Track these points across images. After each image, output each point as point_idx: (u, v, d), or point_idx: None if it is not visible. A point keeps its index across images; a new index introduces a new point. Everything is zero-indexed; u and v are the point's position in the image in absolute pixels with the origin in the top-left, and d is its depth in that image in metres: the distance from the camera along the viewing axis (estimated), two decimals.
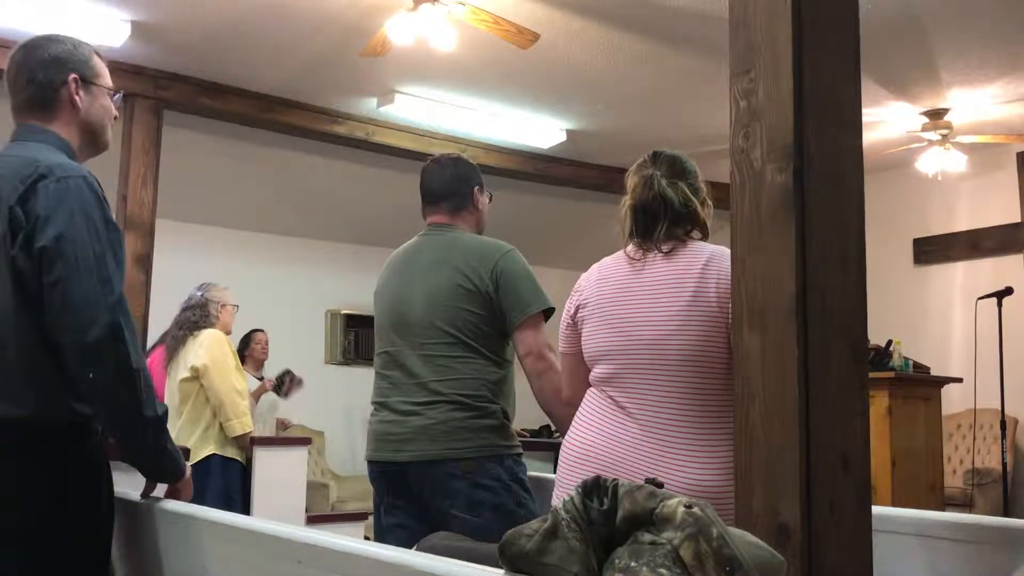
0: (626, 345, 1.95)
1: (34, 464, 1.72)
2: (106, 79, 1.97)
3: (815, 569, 1.41)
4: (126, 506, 1.96)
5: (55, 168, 1.76)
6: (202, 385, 4.10)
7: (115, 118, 2.00)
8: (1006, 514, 5.63)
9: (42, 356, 1.71)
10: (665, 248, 1.99)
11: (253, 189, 7.27)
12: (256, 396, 5.32)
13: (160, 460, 1.85)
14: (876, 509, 1.59)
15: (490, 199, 2.69)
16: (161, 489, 1.95)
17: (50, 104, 1.88)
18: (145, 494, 1.94)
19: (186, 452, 3.09)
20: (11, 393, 1.71)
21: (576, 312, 2.10)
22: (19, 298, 1.71)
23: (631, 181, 2.07)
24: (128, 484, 1.99)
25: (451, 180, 2.59)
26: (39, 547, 1.71)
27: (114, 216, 5.53)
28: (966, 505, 6.16)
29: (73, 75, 1.89)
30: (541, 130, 6.79)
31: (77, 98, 1.89)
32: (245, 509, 4.21)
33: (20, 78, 1.88)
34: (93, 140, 1.95)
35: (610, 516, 1.07)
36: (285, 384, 5.88)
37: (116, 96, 2.00)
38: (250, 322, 5.70)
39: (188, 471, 1.92)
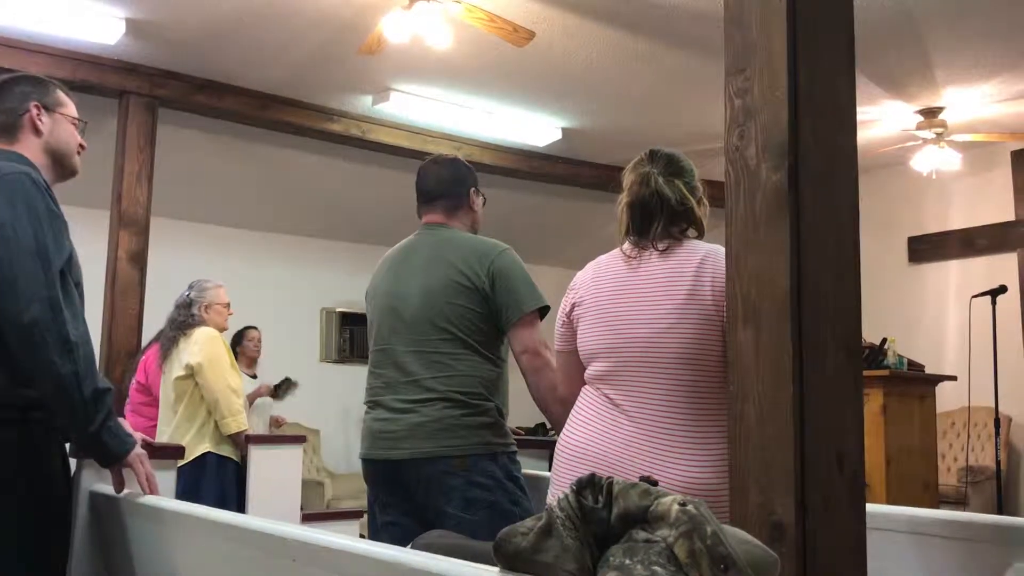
0: (621, 343, 1.95)
1: None
2: (69, 109, 2.11)
3: (809, 567, 1.41)
4: (109, 503, 1.97)
5: (1, 168, 1.87)
6: (197, 383, 4.09)
7: (82, 147, 2.12)
8: (1000, 511, 5.65)
9: None
10: (661, 246, 1.99)
11: (248, 187, 7.26)
12: (252, 399, 5.31)
13: (101, 436, 1.85)
14: (870, 507, 1.59)
15: (484, 202, 2.69)
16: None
17: (14, 129, 2.02)
18: (117, 487, 1.94)
19: (181, 450, 3.08)
20: None
21: (572, 310, 2.10)
22: None
23: (628, 178, 2.08)
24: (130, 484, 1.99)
25: (447, 180, 2.59)
26: None
27: (109, 214, 5.48)
28: (960, 503, 6.18)
29: (35, 103, 2.04)
30: (537, 128, 6.79)
31: (39, 123, 2.03)
32: (240, 507, 4.21)
33: None
34: (59, 163, 2.07)
35: (605, 514, 1.07)
36: (282, 392, 5.90)
37: (82, 125, 2.13)
38: (245, 320, 5.71)
39: (135, 448, 1.93)
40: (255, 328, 5.78)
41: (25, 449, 1.83)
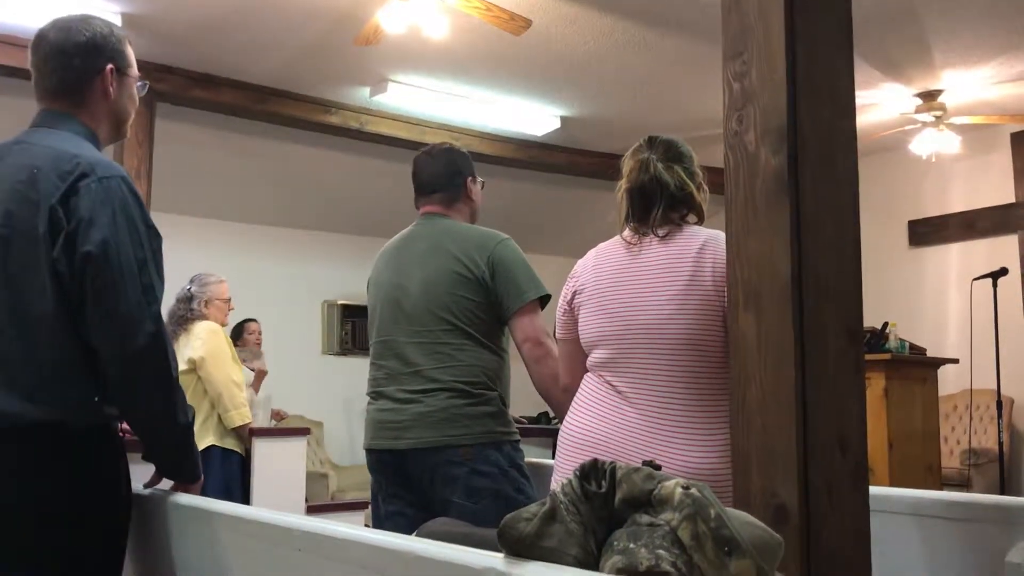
0: (623, 330, 1.95)
1: (65, 464, 1.69)
2: (135, 68, 1.93)
3: (813, 550, 1.41)
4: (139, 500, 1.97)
5: (96, 166, 1.71)
6: (199, 377, 4.10)
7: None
8: (1003, 493, 5.66)
9: (78, 360, 1.69)
10: (661, 232, 1.99)
11: (247, 180, 7.26)
12: (256, 385, 5.31)
13: (183, 462, 1.85)
14: (872, 489, 1.60)
15: (482, 186, 2.68)
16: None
17: (82, 92, 1.82)
18: (151, 484, 1.94)
19: None
20: (45, 396, 1.67)
21: (573, 298, 2.10)
22: (59, 301, 1.67)
23: (627, 165, 2.08)
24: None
25: (444, 171, 2.59)
26: (56, 546, 1.69)
27: None
28: (963, 485, 6.19)
29: (110, 65, 1.84)
30: (535, 117, 6.78)
31: (111, 89, 1.84)
32: (244, 500, 4.22)
33: (52, 61, 1.82)
34: (118, 129, 1.92)
35: (608, 499, 1.08)
36: (249, 356, 5.82)
37: (142, 85, 1.96)
38: (247, 314, 5.70)
39: (202, 476, 1.92)
40: (255, 320, 5.77)
41: (105, 466, 1.79)
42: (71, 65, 1.80)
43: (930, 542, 1.80)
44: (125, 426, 1.87)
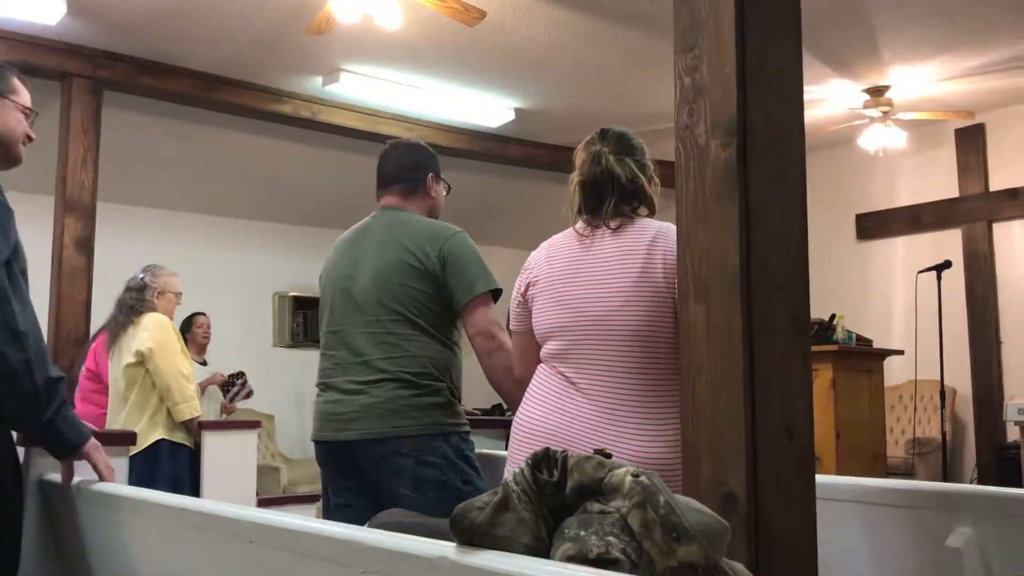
0: (575, 321, 1.97)
1: None
2: (21, 97, 2.02)
3: (761, 536, 1.44)
4: (62, 492, 1.94)
5: None
6: (148, 370, 4.04)
7: (29, 138, 2.04)
8: (945, 481, 5.80)
9: None
10: (613, 224, 2.01)
11: (196, 170, 7.15)
12: (203, 386, 5.25)
13: (53, 429, 1.82)
14: (819, 477, 1.63)
15: (447, 191, 2.69)
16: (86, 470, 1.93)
17: None
18: (66, 478, 1.91)
19: (133, 437, 3.05)
20: None
21: (526, 290, 2.11)
22: None
23: (579, 157, 2.09)
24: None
25: (406, 164, 2.59)
26: None
27: (53, 199, 5.35)
28: (907, 474, 6.33)
29: None
30: (489, 109, 6.78)
31: None
32: (195, 494, 4.17)
33: None
34: (3, 152, 1.99)
35: (560, 487, 1.09)
36: (236, 387, 5.82)
37: (32, 115, 2.04)
38: (196, 306, 5.63)
39: (90, 439, 1.90)
40: (203, 314, 5.70)
41: None
42: None
43: (874, 528, 1.84)
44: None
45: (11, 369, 1.71)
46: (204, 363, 5.62)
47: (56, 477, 1.96)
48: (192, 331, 5.58)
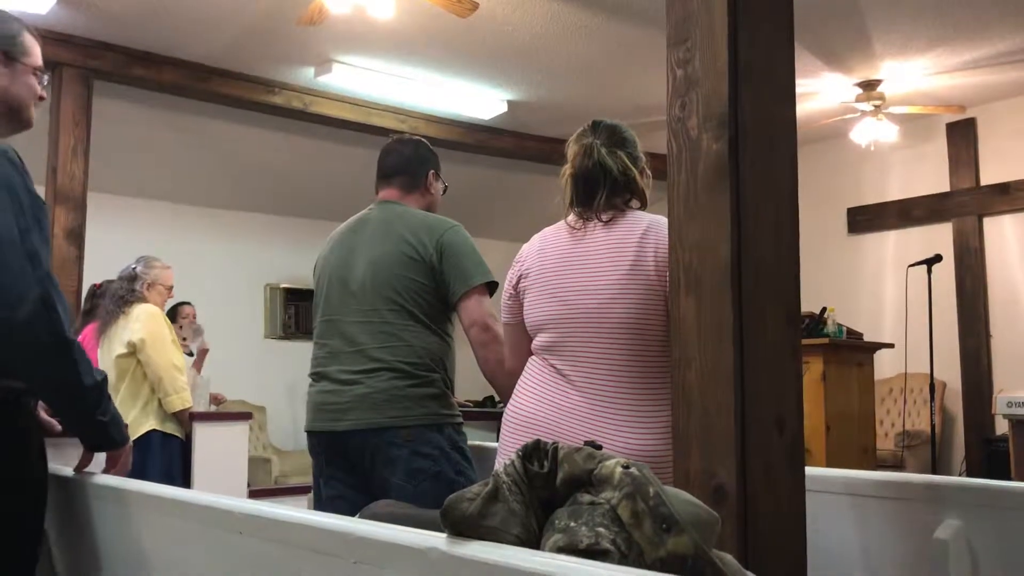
0: (567, 313, 1.97)
1: None
2: (33, 58, 1.94)
3: (751, 528, 1.45)
4: (61, 482, 1.94)
5: None
6: (139, 361, 4.04)
7: (41, 98, 1.97)
8: (934, 474, 5.83)
9: None
10: (605, 217, 2.01)
11: (188, 161, 7.13)
12: (199, 364, 5.23)
13: (103, 428, 1.84)
14: (809, 470, 1.64)
15: (444, 190, 2.69)
16: (98, 464, 1.93)
17: None
18: (80, 467, 1.92)
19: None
20: None
21: (518, 282, 2.11)
22: None
23: (571, 150, 2.09)
24: (62, 460, 1.96)
25: (407, 159, 2.61)
26: None
27: (44, 189, 5.30)
28: (897, 466, 6.36)
29: None
30: (482, 101, 6.76)
31: None
32: (186, 485, 4.17)
33: None
34: (14, 116, 1.92)
35: (550, 478, 1.09)
36: (189, 336, 5.72)
37: (44, 76, 1.97)
38: (186, 297, 5.61)
39: (130, 439, 1.92)
40: (189, 304, 5.67)
41: (12, 432, 1.77)
42: None
43: (863, 520, 1.85)
44: None
45: (62, 379, 1.71)
46: (191, 353, 5.60)
47: (57, 468, 1.95)
48: (177, 321, 5.55)
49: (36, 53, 1.95)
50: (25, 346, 1.66)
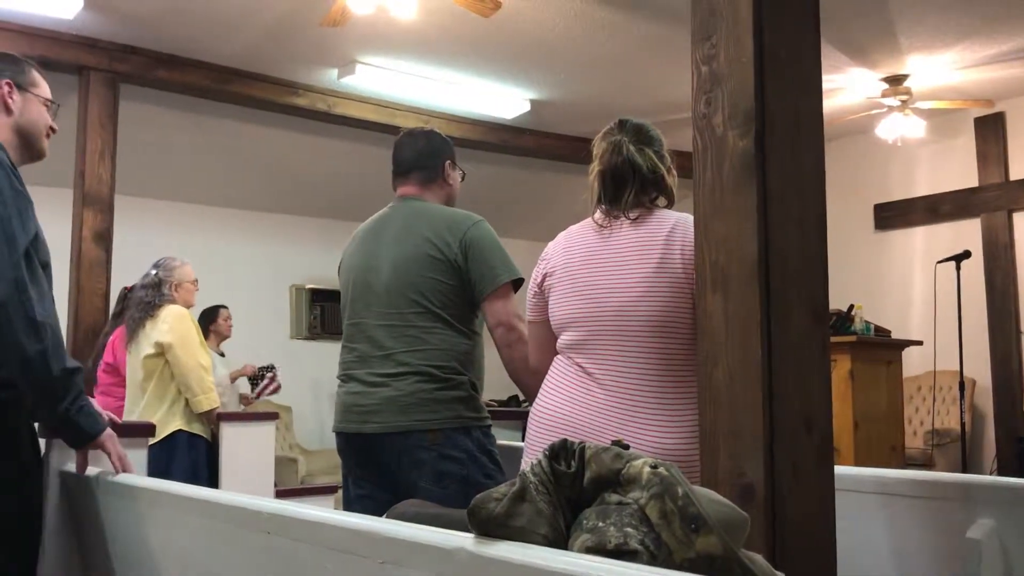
0: (593, 312, 1.96)
1: None
2: (42, 90, 2.07)
3: (779, 528, 1.43)
4: (85, 482, 1.96)
5: None
6: (167, 361, 4.06)
7: (53, 130, 2.09)
8: (964, 472, 5.76)
9: None
10: (632, 215, 2.00)
11: (213, 163, 7.18)
12: (234, 378, 5.28)
13: (72, 418, 1.84)
14: (838, 469, 1.62)
15: (462, 177, 2.67)
16: (105, 464, 1.94)
17: None
18: (81, 468, 1.93)
19: (152, 428, 3.07)
20: None
21: (543, 280, 2.11)
22: None
23: (599, 147, 2.08)
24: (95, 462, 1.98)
25: (422, 152, 2.58)
26: None
27: (72, 193, 5.37)
28: (926, 465, 6.29)
29: (7, 80, 2.00)
30: (505, 100, 6.76)
31: (10, 100, 1.99)
32: (212, 485, 4.19)
33: None
34: (27, 144, 2.03)
35: (577, 478, 1.08)
36: (265, 380, 5.84)
37: (54, 107, 2.09)
38: (213, 298, 5.66)
39: (106, 429, 1.92)
40: (226, 307, 5.74)
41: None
42: None
43: (894, 519, 1.83)
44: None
45: (28, 358, 1.73)
46: (222, 354, 5.65)
47: (103, 472, 1.97)
48: (217, 323, 5.61)
49: (44, 86, 2.08)
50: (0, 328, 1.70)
